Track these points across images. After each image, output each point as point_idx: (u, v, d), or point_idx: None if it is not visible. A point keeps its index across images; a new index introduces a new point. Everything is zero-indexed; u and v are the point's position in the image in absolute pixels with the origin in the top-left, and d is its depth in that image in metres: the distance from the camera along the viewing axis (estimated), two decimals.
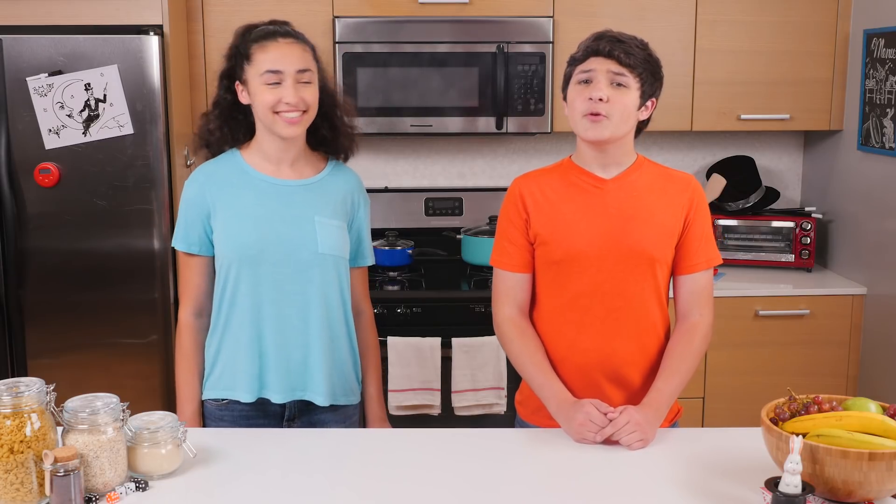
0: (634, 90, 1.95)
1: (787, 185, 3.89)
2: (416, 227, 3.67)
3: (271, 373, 2.10)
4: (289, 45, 2.04)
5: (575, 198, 2.04)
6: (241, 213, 2.07)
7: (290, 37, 2.06)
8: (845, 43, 3.44)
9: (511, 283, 2.12)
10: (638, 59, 1.94)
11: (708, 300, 2.08)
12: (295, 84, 2.02)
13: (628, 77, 1.94)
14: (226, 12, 3.31)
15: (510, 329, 2.10)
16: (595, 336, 2.05)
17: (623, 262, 2.02)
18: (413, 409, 3.10)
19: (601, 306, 2.03)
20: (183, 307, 2.17)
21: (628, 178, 2.04)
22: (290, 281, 2.08)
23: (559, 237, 2.03)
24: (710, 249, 2.07)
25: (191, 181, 2.14)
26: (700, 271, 2.06)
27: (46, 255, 3.05)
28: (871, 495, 1.56)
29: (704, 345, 2.05)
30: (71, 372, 3.08)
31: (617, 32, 2.00)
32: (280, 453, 1.87)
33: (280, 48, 2.03)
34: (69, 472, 1.57)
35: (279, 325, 2.09)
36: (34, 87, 2.95)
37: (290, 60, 2.03)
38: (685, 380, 2.02)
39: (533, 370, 2.04)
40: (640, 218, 2.01)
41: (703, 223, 2.06)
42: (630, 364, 2.06)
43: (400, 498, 1.68)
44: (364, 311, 2.27)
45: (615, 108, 1.94)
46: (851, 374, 3.36)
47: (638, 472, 1.78)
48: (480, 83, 3.35)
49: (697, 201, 2.06)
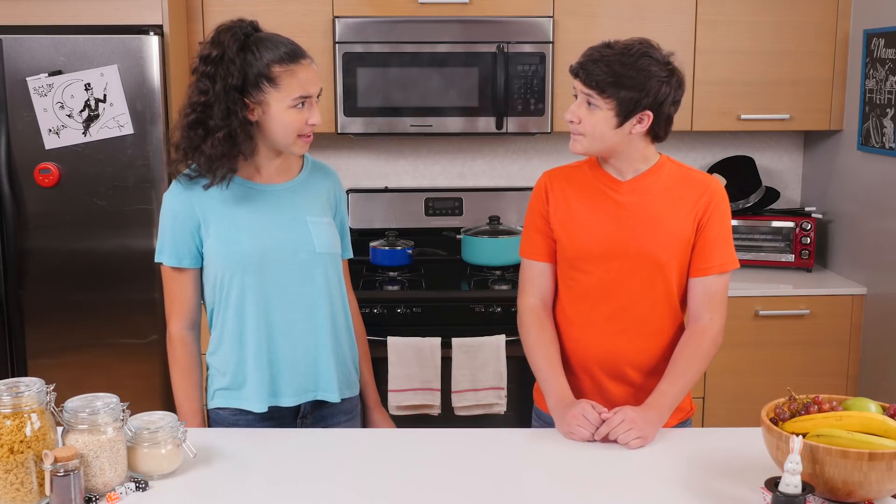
0: (606, 110, 1.94)
1: (787, 185, 3.89)
2: (416, 227, 3.67)
3: (282, 378, 2.08)
4: (310, 66, 2.00)
5: (590, 198, 2.07)
6: (236, 223, 2.03)
7: (307, 56, 2.01)
8: (845, 43, 3.44)
9: (535, 272, 2.15)
10: (606, 79, 1.92)
11: (720, 304, 2.06)
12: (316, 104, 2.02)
13: (597, 98, 1.94)
14: (226, 12, 3.30)
15: (530, 319, 2.13)
16: (599, 334, 2.07)
17: (630, 264, 2.03)
18: (413, 409, 3.10)
19: (607, 305, 2.06)
20: (174, 321, 2.12)
21: (644, 181, 2.04)
22: (295, 284, 2.06)
23: (570, 234, 2.07)
24: (725, 253, 2.05)
25: (173, 195, 2.06)
26: (712, 275, 2.04)
27: (46, 255, 3.05)
28: (871, 495, 1.56)
29: (713, 349, 2.05)
30: (71, 372, 3.08)
31: (602, 47, 1.97)
32: (280, 453, 1.86)
33: (306, 71, 1.98)
34: (69, 472, 1.57)
35: (287, 330, 2.07)
36: (34, 87, 2.95)
37: (316, 83, 2.00)
38: (691, 383, 2.02)
39: (542, 363, 2.07)
40: (650, 222, 2.02)
41: (719, 227, 2.04)
42: (633, 364, 2.07)
43: (400, 498, 1.68)
44: (351, 301, 2.27)
45: (585, 127, 1.98)
46: (851, 374, 3.36)
47: (638, 472, 1.78)
48: (480, 83, 3.35)
49: (715, 204, 2.04)
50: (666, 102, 1.97)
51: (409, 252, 3.43)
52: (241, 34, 1.97)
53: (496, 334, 3.10)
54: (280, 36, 2.01)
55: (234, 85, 1.94)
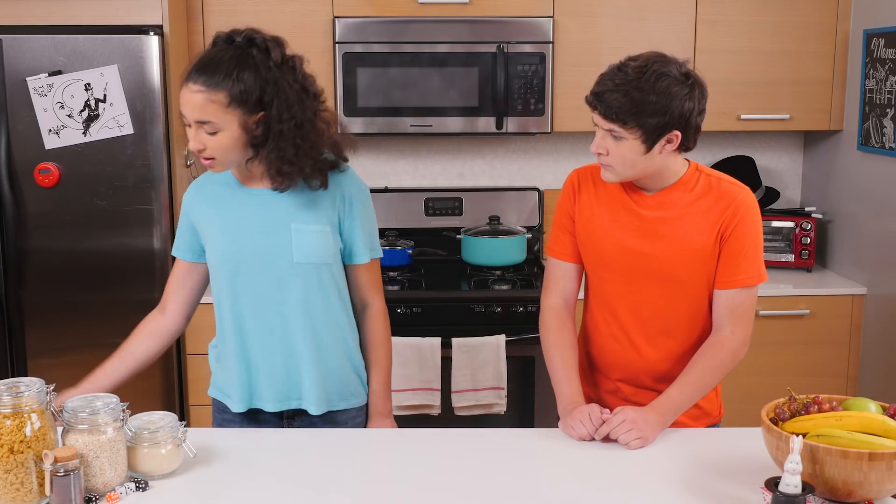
0: (631, 139, 1.87)
1: (787, 185, 3.89)
2: (416, 227, 3.67)
3: (260, 383, 2.07)
4: (187, 89, 1.91)
5: (615, 207, 2.03)
6: (221, 225, 2.04)
7: (192, 81, 1.90)
8: (845, 43, 3.44)
9: (560, 272, 2.13)
10: (626, 110, 1.84)
11: (743, 317, 2.00)
12: (197, 130, 1.93)
13: (619, 130, 1.87)
14: (226, 12, 3.31)
15: (551, 319, 2.11)
16: (620, 341, 2.07)
17: (651, 277, 2.01)
18: (413, 409, 3.10)
19: (628, 314, 2.05)
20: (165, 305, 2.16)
21: (669, 195, 1.99)
22: (269, 292, 2.03)
23: (593, 240, 2.06)
24: (751, 267, 1.98)
25: (187, 192, 2.14)
26: (735, 288, 1.98)
27: (46, 255, 3.05)
28: (871, 495, 1.56)
29: (731, 361, 2.01)
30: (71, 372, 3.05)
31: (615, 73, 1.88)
32: (280, 453, 1.86)
33: (184, 94, 1.91)
34: (69, 472, 1.57)
35: (262, 336, 2.05)
36: (34, 87, 2.95)
37: (190, 109, 1.91)
38: (701, 391, 2.00)
39: (558, 364, 2.06)
40: (669, 238, 1.98)
41: (744, 240, 1.96)
42: (653, 374, 2.06)
43: (400, 498, 1.68)
44: (371, 304, 2.16)
45: (613, 158, 1.92)
46: (851, 374, 3.35)
47: (638, 472, 1.78)
48: (480, 83, 3.35)
49: (740, 218, 1.96)
50: (692, 117, 1.89)
51: (409, 252, 3.43)
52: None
53: (496, 334, 3.10)
54: (206, 51, 1.96)
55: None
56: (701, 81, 1.93)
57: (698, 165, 2.04)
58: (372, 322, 2.16)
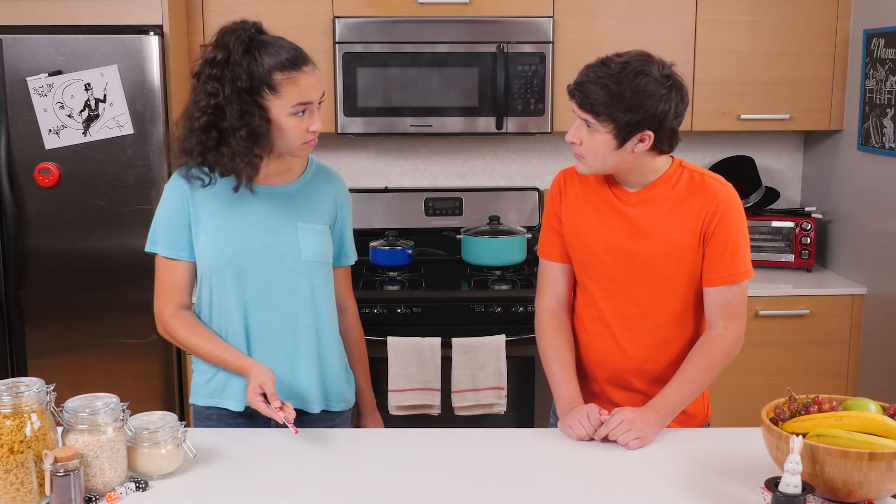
0: (604, 132, 1.89)
1: (787, 185, 3.89)
2: (416, 227, 3.67)
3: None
4: (312, 72, 1.96)
5: (599, 206, 2.04)
6: (226, 223, 2.02)
7: (310, 62, 1.97)
8: (845, 43, 3.44)
9: (552, 272, 2.14)
10: (602, 102, 1.86)
11: (734, 314, 2.01)
12: (318, 110, 1.98)
13: (593, 122, 1.89)
14: (226, 12, 3.31)
15: (546, 320, 2.12)
16: (606, 341, 2.07)
17: (635, 276, 2.02)
18: (413, 409, 3.10)
19: (614, 313, 2.05)
20: (165, 306, 2.10)
21: (652, 192, 2.00)
22: (276, 290, 2.04)
23: (579, 239, 2.06)
24: (736, 263, 1.98)
25: (172, 187, 2.06)
26: (723, 285, 1.99)
27: (46, 255, 3.05)
28: (871, 495, 1.56)
29: (726, 358, 2.01)
30: (71, 372, 3.08)
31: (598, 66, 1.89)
32: (280, 453, 1.87)
33: (307, 78, 1.94)
34: (69, 472, 1.57)
35: (267, 335, 2.05)
36: (34, 87, 2.95)
37: (317, 89, 1.97)
38: (697, 390, 2.00)
39: (556, 366, 2.07)
40: (653, 235, 1.99)
41: (727, 236, 1.97)
42: (639, 374, 2.07)
43: (400, 498, 1.68)
44: (348, 307, 2.24)
45: (586, 150, 1.94)
46: (851, 374, 3.35)
47: (638, 472, 1.78)
48: (480, 83, 3.35)
49: (721, 214, 1.96)
50: (667, 119, 1.89)
51: (409, 252, 3.43)
52: (245, 37, 1.94)
53: (496, 334, 3.10)
54: (283, 40, 1.97)
55: (243, 88, 1.91)
56: (682, 85, 1.93)
57: (682, 162, 2.05)
58: (352, 323, 2.25)
